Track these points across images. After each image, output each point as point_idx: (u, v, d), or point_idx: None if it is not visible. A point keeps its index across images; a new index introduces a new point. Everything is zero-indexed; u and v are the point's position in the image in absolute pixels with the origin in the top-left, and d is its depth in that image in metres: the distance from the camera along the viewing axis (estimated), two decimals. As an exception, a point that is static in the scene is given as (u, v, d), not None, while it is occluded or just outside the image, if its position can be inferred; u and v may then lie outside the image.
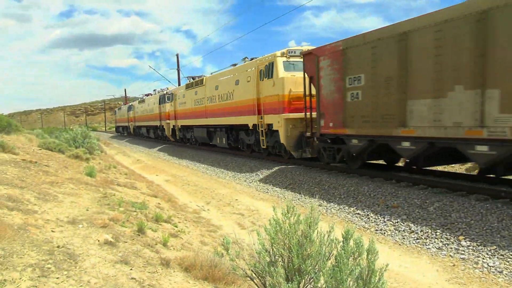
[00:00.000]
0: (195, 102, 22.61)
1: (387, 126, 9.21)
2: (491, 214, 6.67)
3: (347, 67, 10.34)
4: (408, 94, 8.63)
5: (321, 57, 11.31)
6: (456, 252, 6.05)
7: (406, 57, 8.58)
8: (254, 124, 15.66)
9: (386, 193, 8.90)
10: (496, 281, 5.16)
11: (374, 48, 9.45)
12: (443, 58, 7.79)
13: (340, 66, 10.57)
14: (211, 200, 11.40)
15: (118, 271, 3.36)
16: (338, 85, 10.67)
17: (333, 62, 10.84)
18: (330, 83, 11.02)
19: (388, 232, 7.33)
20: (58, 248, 3.49)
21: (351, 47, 10.18)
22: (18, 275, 2.77)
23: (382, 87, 9.27)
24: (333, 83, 10.88)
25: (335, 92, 10.81)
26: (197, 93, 22.21)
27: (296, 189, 11.16)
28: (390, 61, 9.04)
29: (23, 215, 4.22)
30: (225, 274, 3.80)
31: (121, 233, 4.59)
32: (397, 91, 8.88)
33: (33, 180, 6.43)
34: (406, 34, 8.55)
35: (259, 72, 15.03)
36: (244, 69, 16.57)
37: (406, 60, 8.60)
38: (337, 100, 10.74)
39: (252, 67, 15.68)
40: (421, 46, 8.26)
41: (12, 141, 10.90)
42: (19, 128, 18.21)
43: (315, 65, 11.47)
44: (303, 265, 3.04)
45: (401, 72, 8.74)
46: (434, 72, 7.99)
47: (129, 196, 8.20)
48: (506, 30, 6.70)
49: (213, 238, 6.87)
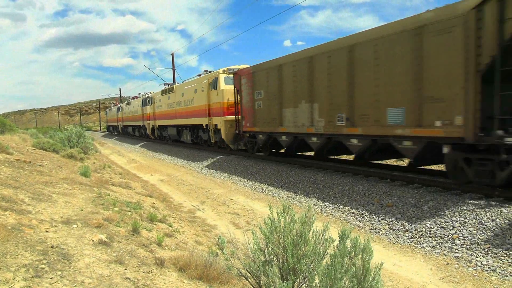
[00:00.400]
0: (168, 106, 27.18)
1: (274, 126, 13.70)
2: (485, 213, 6.71)
3: (254, 84, 14.82)
4: (282, 105, 13.16)
5: (242, 77, 15.75)
6: (450, 251, 6.09)
7: (281, 80, 13.10)
8: (207, 124, 20.15)
9: (381, 192, 8.94)
10: (489, 279, 5.20)
11: (267, 73, 13.94)
12: (297, 83, 12.31)
13: (251, 84, 15.01)
14: (206, 199, 11.39)
15: (113, 271, 3.35)
16: (250, 97, 15.12)
17: (248, 81, 15.29)
18: (246, 95, 15.49)
19: (383, 231, 7.36)
20: (52, 248, 3.47)
21: (257, 71, 14.69)
22: (11, 276, 2.75)
23: (271, 99, 13.75)
24: (248, 96, 15.32)
25: (249, 102, 15.26)
26: (169, 98, 26.80)
27: (292, 189, 11.18)
28: (274, 82, 13.52)
29: (17, 215, 4.20)
30: (219, 273, 3.80)
31: (115, 233, 4.58)
32: (278, 103, 13.38)
33: (27, 180, 6.40)
34: (281, 66, 13.09)
35: (209, 84, 19.53)
36: (200, 81, 21.07)
37: (281, 83, 13.11)
38: (250, 107, 15.21)
39: (205, 80, 20.15)
40: (287, 74, 12.85)
41: (6, 141, 10.85)
42: (13, 127, 18.12)
43: (239, 82, 16.06)
44: (298, 265, 3.05)
45: (279, 90, 13.26)
46: (293, 91, 12.52)
47: (124, 196, 8.18)
48: (319, 67, 11.23)
49: (208, 238, 6.87)
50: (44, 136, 17.25)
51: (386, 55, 9.00)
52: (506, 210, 6.62)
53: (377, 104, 9.27)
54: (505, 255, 5.56)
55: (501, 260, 5.51)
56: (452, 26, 7.55)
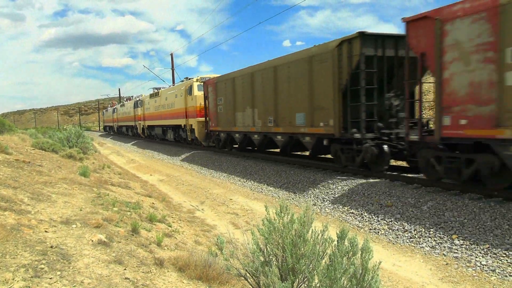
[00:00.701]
0: (155, 108, 30.58)
1: (230, 126, 17.24)
2: (484, 213, 6.72)
3: (217, 92, 18.39)
4: (235, 109, 16.63)
5: (208, 85, 19.48)
6: (450, 251, 6.09)
7: (234, 90, 16.62)
8: (184, 125, 23.67)
9: (380, 192, 8.94)
10: (489, 279, 5.21)
11: (225, 83, 17.55)
12: (244, 93, 15.77)
13: (215, 92, 18.61)
14: (206, 199, 11.40)
15: (112, 271, 3.35)
16: (215, 102, 18.75)
17: (213, 89, 18.91)
18: (212, 101, 19.14)
19: (382, 231, 7.37)
20: (51, 249, 3.47)
21: (219, 81, 18.30)
22: (11, 276, 2.75)
23: (228, 105, 17.27)
24: (213, 101, 18.97)
25: (214, 107, 18.90)
26: (156, 101, 30.14)
27: (291, 189, 11.19)
28: (230, 91, 17.05)
29: (16, 215, 4.19)
30: (219, 273, 3.80)
31: (115, 233, 4.58)
32: (232, 108, 16.87)
33: (27, 180, 6.39)
34: (234, 78, 16.66)
35: (186, 90, 22.98)
36: (180, 87, 24.68)
37: (234, 92, 16.62)
38: (215, 111, 18.82)
39: (183, 86, 23.67)
40: (238, 85, 16.31)
41: (5, 141, 10.84)
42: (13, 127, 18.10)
43: (206, 90, 19.75)
44: (297, 265, 3.05)
45: (233, 97, 16.76)
46: (242, 99, 16.01)
47: (123, 196, 8.18)
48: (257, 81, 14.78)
49: (207, 238, 6.87)
50: (43, 136, 17.23)
51: (295, 75, 12.49)
52: (505, 210, 6.63)
53: (290, 110, 12.84)
54: (505, 255, 5.57)
55: (501, 260, 5.51)
56: (326, 58, 10.95)
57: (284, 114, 13.20)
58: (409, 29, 8.59)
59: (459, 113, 7.53)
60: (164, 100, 27.89)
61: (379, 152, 10.06)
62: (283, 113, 13.26)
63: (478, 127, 7.21)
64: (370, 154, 10.04)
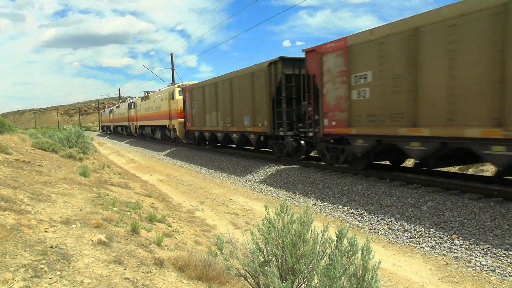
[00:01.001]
0: (145, 110, 34.23)
1: (202, 126, 20.85)
2: (484, 213, 6.72)
3: (192, 97, 22.10)
4: (205, 112, 20.17)
5: (186, 91, 23.25)
6: (449, 251, 6.09)
7: (204, 96, 20.16)
8: (169, 125, 27.36)
9: (380, 192, 8.95)
10: (488, 279, 5.21)
11: (198, 90, 21.15)
12: (211, 99, 19.27)
13: (191, 97, 22.38)
14: (205, 199, 11.40)
15: (112, 271, 3.35)
16: (190, 106, 22.43)
17: (189, 95, 22.57)
18: (188, 105, 22.87)
19: (382, 231, 7.37)
20: (51, 248, 3.47)
21: (193, 88, 21.95)
22: (11, 276, 2.75)
23: (200, 108, 20.83)
24: (189, 105, 22.67)
25: (190, 110, 22.48)
26: (146, 104, 33.72)
27: (291, 189, 11.19)
28: (201, 97, 20.67)
29: (16, 215, 4.19)
30: (219, 273, 3.80)
31: (114, 233, 4.58)
32: (203, 111, 20.42)
33: (26, 180, 6.39)
34: (204, 87, 20.23)
35: (169, 94, 26.80)
36: (165, 91, 28.28)
37: (204, 98, 20.20)
38: (190, 113, 22.56)
39: (168, 91, 27.38)
40: (207, 92, 19.89)
41: (5, 141, 10.83)
42: (12, 127, 18.09)
43: (184, 95, 23.53)
44: (297, 265, 3.05)
45: (203, 102, 20.30)
46: (209, 103, 19.53)
47: (123, 196, 8.17)
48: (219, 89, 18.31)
49: (207, 238, 6.87)
50: (43, 136, 17.23)
51: (243, 86, 16.00)
52: (505, 210, 6.63)
53: (241, 113, 16.24)
54: (504, 255, 5.57)
55: (501, 260, 5.51)
56: (262, 74, 14.46)
57: (237, 116, 16.69)
58: (306, 57, 11.85)
59: (331, 117, 10.90)
60: (152, 102, 31.36)
61: (298, 145, 13.49)
62: (236, 116, 16.76)
63: (341, 127, 10.57)
64: (291, 147, 13.59)
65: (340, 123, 10.48)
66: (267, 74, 14.03)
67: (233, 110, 16.93)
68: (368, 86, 9.53)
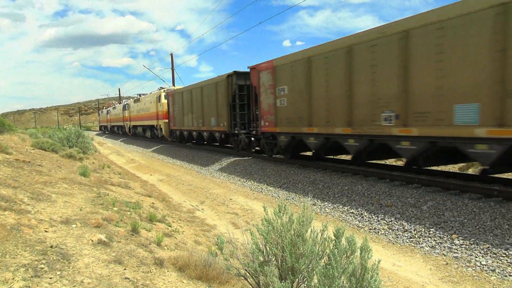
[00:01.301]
0: (137, 111, 37.87)
1: (181, 126, 24.54)
2: (484, 213, 6.73)
3: (174, 101, 25.80)
4: (184, 114, 23.84)
5: (169, 95, 27.06)
6: (449, 251, 6.09)
7: (183, 100, 23.86)
8: (156, 125, 31.00)
9: (380, 192, 8.95)
10: (488, 279, 5.21)
11: (177, 95, 24.88)
12: (188, 103, 23.05)
13: (173, 100, 26.13)
14: (205, 199, 11.39)
15: (112, 271, 3.35)
16: (173, 108, 26.17)
17: (172, 99, 26.35)
18: (171, 107, 26.64)
19: (382, 231, 7.37)
20: (51, 248, 3.47)
21: (174, 93, 25.84)
22: (11, 275, 2.75)
23: (180, 110, 24.50)
24: (172, 107, 26.39)
25: (173, 111, 26.15)
26: (138, 105, 37.26)
27: (291, 189, 11.19)
28: (180, 101, 24.35)
29: (16, 215, 4.20)
30: (219, 273, 3.80)
31: (114, 233, 4.58)
32: (182, 113, 24.08)
33: (26, 180, 6.39)
34: (182, 92, 24.07)
35: (157, 97, 30.39)
36: (153, 95, 31.81)
37: (183, 102, 23.92)
38: (173, 115, 26.21)
39: (156, 95, 30.92)
40: (185, 98, 23.56)
41: (5, 141, 10.83)
42: (12, 127, 18.10)
43: (168, 98, 27.27)
44: (296, 264, 3.05)
45: (182, 105, 23.90)
46: (187, 107, 23.23)
47: (123, 195, 8.17)
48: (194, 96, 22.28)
49: (207, 238, 6.87)
50: (43, 136, 17.23)
51: (210, 93, 19.67)
52: (505, 210, 6.63)
53: (209, 115, 19.99)
54: (504, 255, 5.57)
55: (501, 260, 5.51)
56: (222, 84, 18.05)
57: (206, 118, 20.43)
58: (250, 72, 15.54)
59: (265, 119, 14.42)
60: (143, 105, 35.17)
61: (249, 141, 17.03)
62: (206, 117, 20.51)
63: (271, 127, 14.12)
64: (244, 142, 17.31)
65: (270, 124, 14.10)
66: (226, 84, 17.67)
67: (204, 113, 20.70)
68: (286, 97, 13.14)
